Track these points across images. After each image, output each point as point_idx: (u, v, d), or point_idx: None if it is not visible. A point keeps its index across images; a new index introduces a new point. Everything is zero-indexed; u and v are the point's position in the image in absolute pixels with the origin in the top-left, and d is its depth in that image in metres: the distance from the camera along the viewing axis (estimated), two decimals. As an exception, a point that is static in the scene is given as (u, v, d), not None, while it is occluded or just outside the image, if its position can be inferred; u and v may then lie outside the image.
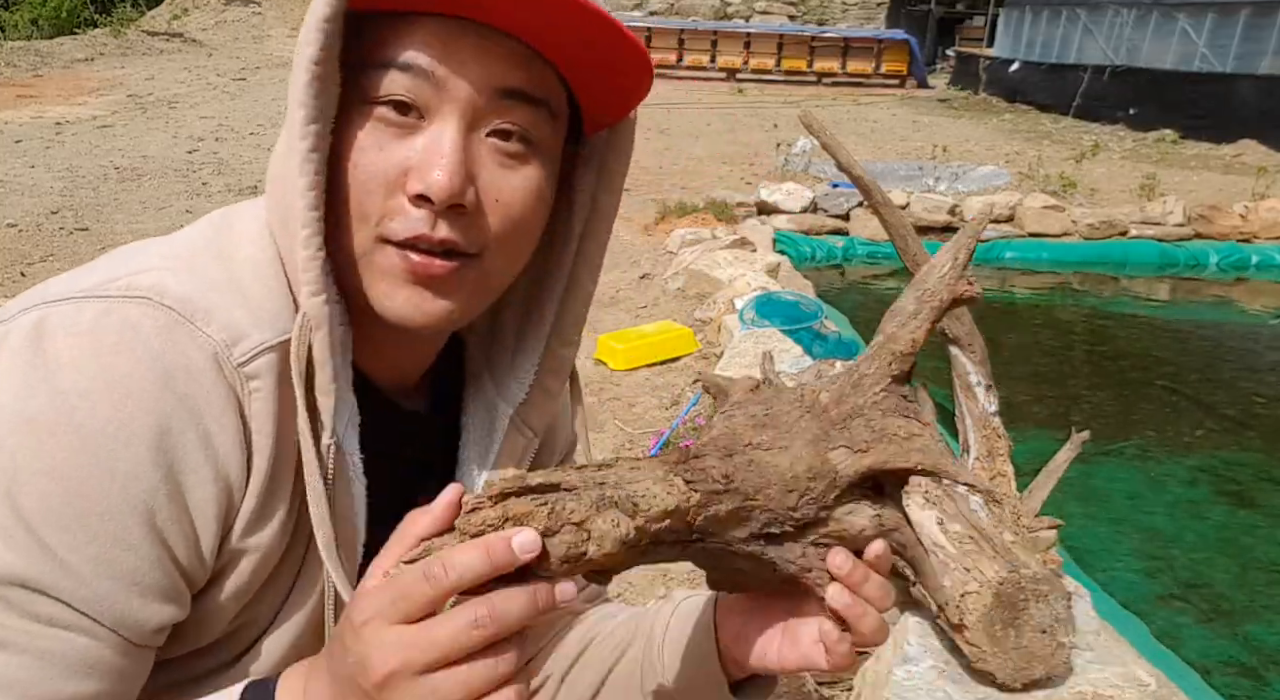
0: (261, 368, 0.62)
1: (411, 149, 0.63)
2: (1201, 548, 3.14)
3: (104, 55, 13.55)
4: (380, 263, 0.64)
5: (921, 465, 0.64)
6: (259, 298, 0.64)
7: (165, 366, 0.59)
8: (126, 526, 0.57)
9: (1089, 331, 5.66)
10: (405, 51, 0.62)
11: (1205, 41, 11.27)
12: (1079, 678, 1.67)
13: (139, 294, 0.61)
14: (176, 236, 0.69)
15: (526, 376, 0.79)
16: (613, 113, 0.72)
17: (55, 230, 5.17)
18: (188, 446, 0.59)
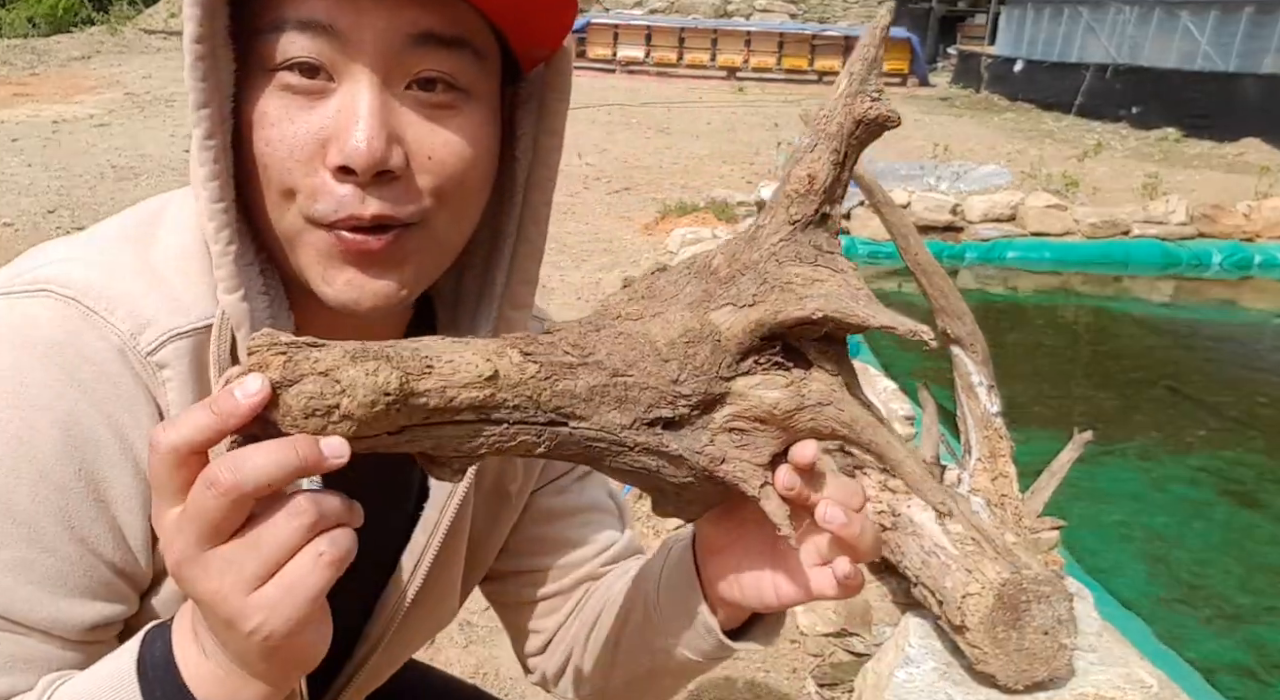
0: (170, 356, 0.58)
1: (324, 115, 0.57)
2: (1204, 548, 3.13)
3: (101, 53, 13.54)
4: (312, 244, 0.59)
5: (822, 311, 0.53)
6: (176, 285, 0.60)
7: (65, 358, 0.56)
8: (40, 528, 0.55)
9: (1091, 331, 5.64)
10: (300, 7, 0.56)
11: (1208, 40, 11.25)
12: (1081, 679, 1.65)
13: (39, 287, 0.58)
14: (101, 224, 0.66)
15: None
16: (544, 43, 0.65)
17: (52, 229, 5.16)
18: (99, 439, 0.56)
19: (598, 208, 6.64)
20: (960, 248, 6.48)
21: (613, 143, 9.23)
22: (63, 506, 0.56)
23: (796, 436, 0.57)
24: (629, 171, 7.92)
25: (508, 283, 0.71)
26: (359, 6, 0.56)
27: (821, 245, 0.57)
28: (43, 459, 0.55)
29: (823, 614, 2.12)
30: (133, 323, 0.58)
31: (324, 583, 0.46)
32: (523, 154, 0.69)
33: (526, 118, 0.68)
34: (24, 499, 0.54)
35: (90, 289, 0.58)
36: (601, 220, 6.29)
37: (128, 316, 0.58)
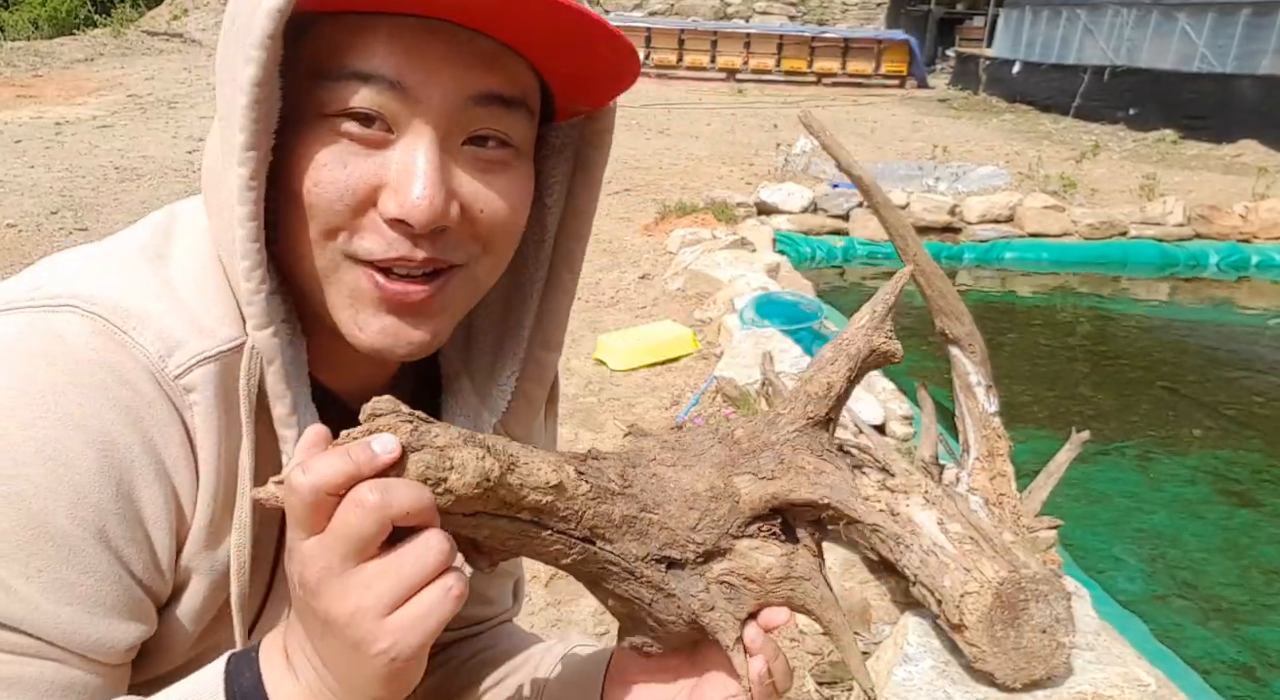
0: (198, 380, 0.58)
1: (381, 165, 0.57)
2: (1201, 547, 3.14)
3: (104, 55, 13.54)
4: (348, 283, 0.59)
5: (828, 499, 0.62)
6: (196, 306, 0.59)
7: (99, 376, 0.55)
8: (80, 549, 0.54)
9: (1089, 332, 5.66)
10: (366, 59, 0.55)
11: (1205, 41, 11.27)
12: (1079, 678, 1.67)
13: (63, 302, 0.57)
14: (110, 240, 0.65)
15: (508, 383, 0.74)
16: (595, 104, 0.67)
17: (55, 230, 5.17)
18: (134, 457, 0.56)
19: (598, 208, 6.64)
20: (958, 248, 6.50)
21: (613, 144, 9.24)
22: (100, 526, 0.55)
23: (771, 602, 0.63)
24: (629, 172, 7.93)
25: (538, 325, 0.73)
26: (429, 65, 0.56)
27: (826, 443, 0.65)
28: (80, 479, 0.54)
29: (822, 613, 2.13)
30: (161, 344, 0.57)
31: (450, 614, 0.49)
32: (554, 202, 0.70)
33: (560, 166, 0.70)
34: (62, 519, 0.54)
35: (117, 307, 0.57)
36: (601, 221, 6.30)
37: (156, 338, 0.57)
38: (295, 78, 0.56)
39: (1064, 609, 1.63)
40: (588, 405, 3.43)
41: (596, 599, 0.62)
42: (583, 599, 2.35)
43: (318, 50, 0.56)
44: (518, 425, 0.75)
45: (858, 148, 9.06)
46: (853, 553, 2.10)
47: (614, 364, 3.74)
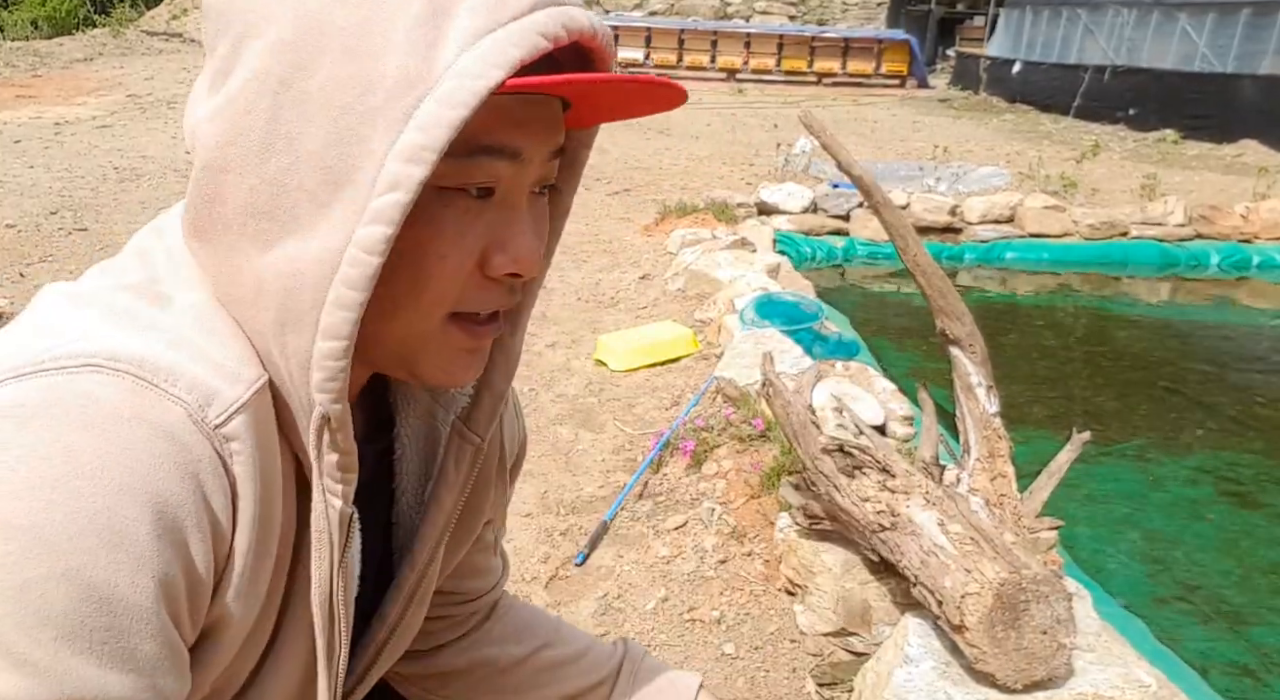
0: (238, 428, 0.57)
1: (490, 225, 0.60)
2: (1203, 548, 3.14)
3: (103, 55, 13.55)
4: (446, 341, 0.63)
5: None
6: (214, 350, 0.58)
7: (143, 435, 0.53)
8: (143, 616, 0.53)
9: (1090, 332, 5.65)
10: (493, 136, 0.57)
11: (1206, 41, 11.26)
12: (1080, 679, 1.66)
13: (85, 361, 0.54)
14: (99, 288, 0.62)
15: None
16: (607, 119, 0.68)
17: (54, 230, 5.17)
18: (188, 514, 0.54)
19: (598, 208, 6.65)
20: (959, 249, 6.49)
21: (613, 143, 9.24)
22: (161, 591, 0.53)
23: None
24: (629, 172, 7.93)
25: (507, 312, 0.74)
26: (532, 133, 0.59)
27: None
28: (139, 547, 0.52)
29: (822, 613, 2.13)
30: (198, 395, 0.56)
31: None
32: None
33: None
34: (125, 590, 0.52)
35: (144, 361, 0.55)
36: (601, 221, 6.30)
37: (190, 388, 0.55)
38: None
39: (1065, 610, 1.63)
40: (588, 405, 3.42)
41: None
42: (582, 600, 2.35)
43: None
44: (484, 418, 0.74)
45: (858, 148, 9.05)
46: (853, 553, 2.10)
47: (614, 364, 3.74)
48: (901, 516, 1.83)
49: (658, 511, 2.69)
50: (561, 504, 2.77)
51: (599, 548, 2.55)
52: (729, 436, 2.86)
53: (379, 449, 0.75)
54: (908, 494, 1.87)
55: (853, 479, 1.96)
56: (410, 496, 0.77)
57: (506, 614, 1.00)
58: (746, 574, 2.37)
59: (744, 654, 2.15)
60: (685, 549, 2.49)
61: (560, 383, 3.63)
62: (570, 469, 2.98)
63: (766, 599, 2.29)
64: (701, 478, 2.76)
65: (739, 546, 2.45)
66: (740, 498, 2.60)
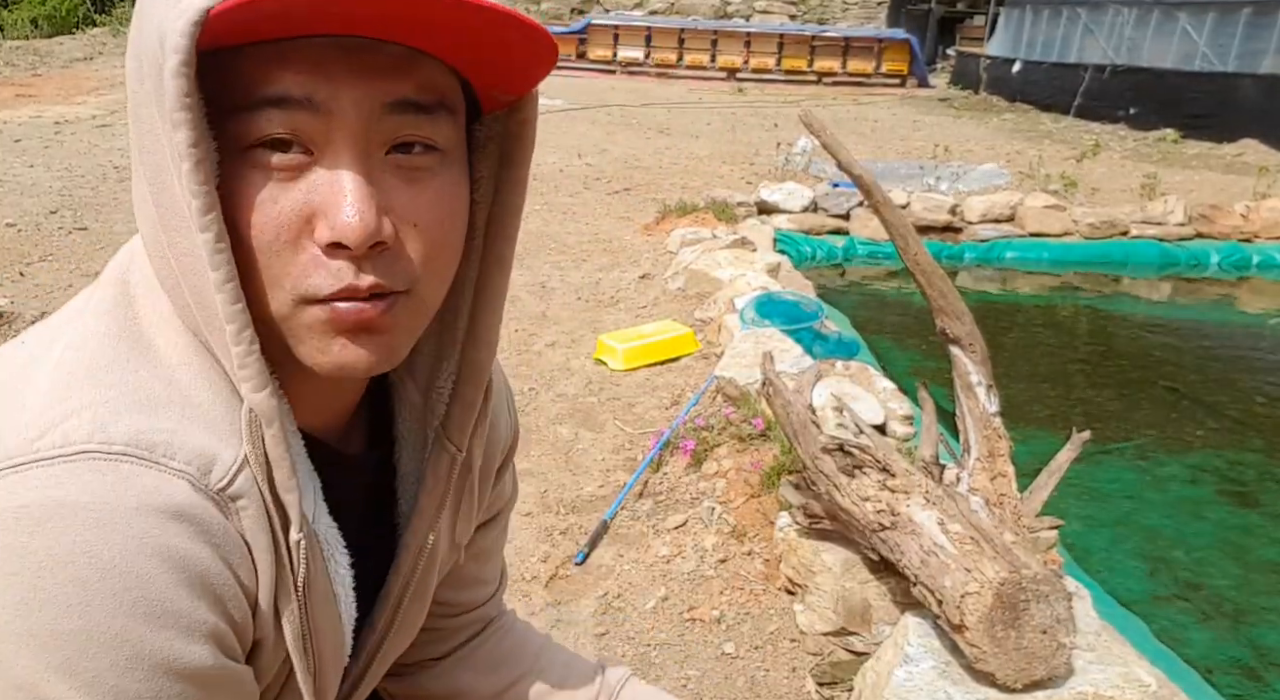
0: (243, 486, 0.57)
1: (309, 190, 0.55)
2: (1203, 547, 3.14)
3: (103, 54, 13.54)
4: (305, 322, 0.57)
5: None
6: (204, 400, 0.58)
7: (153, 521, 0.53)
8: (209, 672, 0.55)
9: (1090, 331, 5.65)
10: (274, 84, 0.53)
11: (1206, 41, 11.26)
12: (1080, 678, 1.66)
13: (79, 449, 0.53)
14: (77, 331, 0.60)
15: (446, 386, 0.73)
16: (516, 91, 0.64)
17: (54, 230, 5.17)
18: (213, 573, 0.55)
19: (598, 208, 6.64)
20: (959, 248, 6.49)
21: (613, 143, 9.24)
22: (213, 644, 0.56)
23: None
24: (629, 172, 7.92)
25: (471, 325, 0.71)
26: (336, 79, 0.54)
27: None
28: (184, 615, 0.54)
29: (822, 613, 2.13)
30: (199, 462, 0.55)
31: None
32: (482, 198, 0.68)
33: (485, 160, 0.67)
34: (187, 656, 0.54)
35: (138, 438, 0.54)
36: (601, 220, 6.30)
37: (191, 458, 0.55)
38: (212, 118, 0.54)
39: (1065, 609, 1.63)
40: (588, 405, 3.42)
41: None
42: (582, 599, 2.35)
43: (227, 84, 0.54)
44: (456, 429, 0.73)
45: (858, 147, 9.05)
46: (853, 553, 2.10)
47: (614, 364, 3.74)
48: (901, 516, 1.83)
49: (658, 511, 2.69)
50: (561, 503, 2.77)
51: (599, 547, 2.55)
52: (729, 436, 2.86)
53: (380, 456, 0.75)
54: (908, 493, 1.87)
55: (853, 478, 1.96)
56: (408, 501, 0.76)
57: (494, 637, 0.98)
58: (746, 573, 2.36)
59: (744, 653, 2.15)
60: (685, 548, 2.49)
61: (560, 382, 3.63)
62: (570, 468, 2.98)
63: (766, 598, 2.29)
64: (701, 477, 2.76)
65: (739, 546, 2.45)
66: (740, 497, 2.60)
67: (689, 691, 2.05)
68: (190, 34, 0.49)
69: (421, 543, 0.76)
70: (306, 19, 0.51)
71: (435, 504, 0.75)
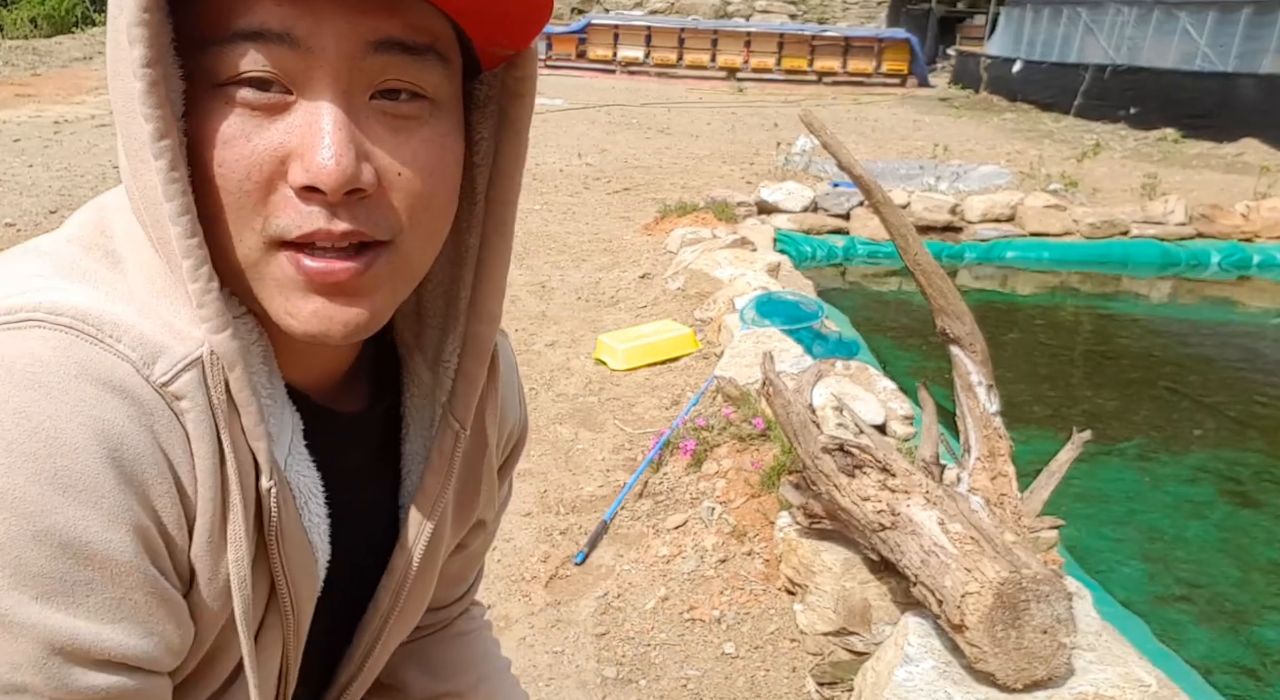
0: (186, 386, 0.54)
1: (285, 130, 0.52)
2: (1203, 548, 3.14)
3: (102, 54, 13.52)
4: (274, 274, 0.55)
5: None
6: (163, 308, 0.55)
7: (91, 392, 0.51)
8: (123, 568, 0.52)
9: (1090, 331, 5.65)
10: (251, 16, 0.50)
11: (1207, 40, 11.26)
12: (1080, 678, 1.66)
13: (27, 316, 0.52)
14: (44, 241, 0.59)
15: (452, 360, 0.70)
16: (513, 45, 0.61)
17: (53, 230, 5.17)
18: (149, 466, 0.53)
19: (598, 208, 6.64)
20: (959, 248, 6.49)
21: (613, 143, 9.24)
22: (136, 542, 0.53)
23: None
24: (629, 171, 7.92)
25: (473, 297, 0.68)
26: (316, 12, 0.51)
27: None
28: (107, 501, 0.51)
29: (822, 613, 2.13)
30: (143, 351, 0.53)
31: None
32: (482, 160, 0.65)
33: (485, 120, 0.65)
34: (99, 545, 0.51)
35: (87, 314, 0.52)
36: (601, 220, 6.30)
37: (136, 344, 0.53)
38: (184, 48, 0.52)
39: (1065, 609, 1.63)
40: (588, 405, 3.42)
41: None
42: (582, 599, 2.35)
43: (202, 15, 0.51)
44: (460, 404, 0.71)
45: (858, 147, 9.05)
46: (853, 552, 2.10)
47: (614, 364, 3.74)
48: (902, 516, 1.83)
49: (658, 511, 2.69)
50: (561, 503, 2.77)
51: (599, 547, 2.55)
52: (729, 436, 2.86)
53: (383, 418, 0.73)
54: (908, 493, 1.87)
55: (853, 478, 1.96)
56: (415, 478, 0.74)
57: (446, 641, 0.95)
58: (746, 573, 2.36)
59: (744, 653, 2.14)
60: (685, 548, 2.48)
61: (560, 382, 3.63)
62: (570, 468, 2.98)
63: (766, 598, 2.29)
64: (701, 477, 2.76)
65: (739, 546, 2.45)
66: (740, 497, 2.60)
67: (689, 691, 2.05)
68: None
69: (424, 521, 0.74)
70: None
71: (440, 483, 0.73)
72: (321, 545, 0.65)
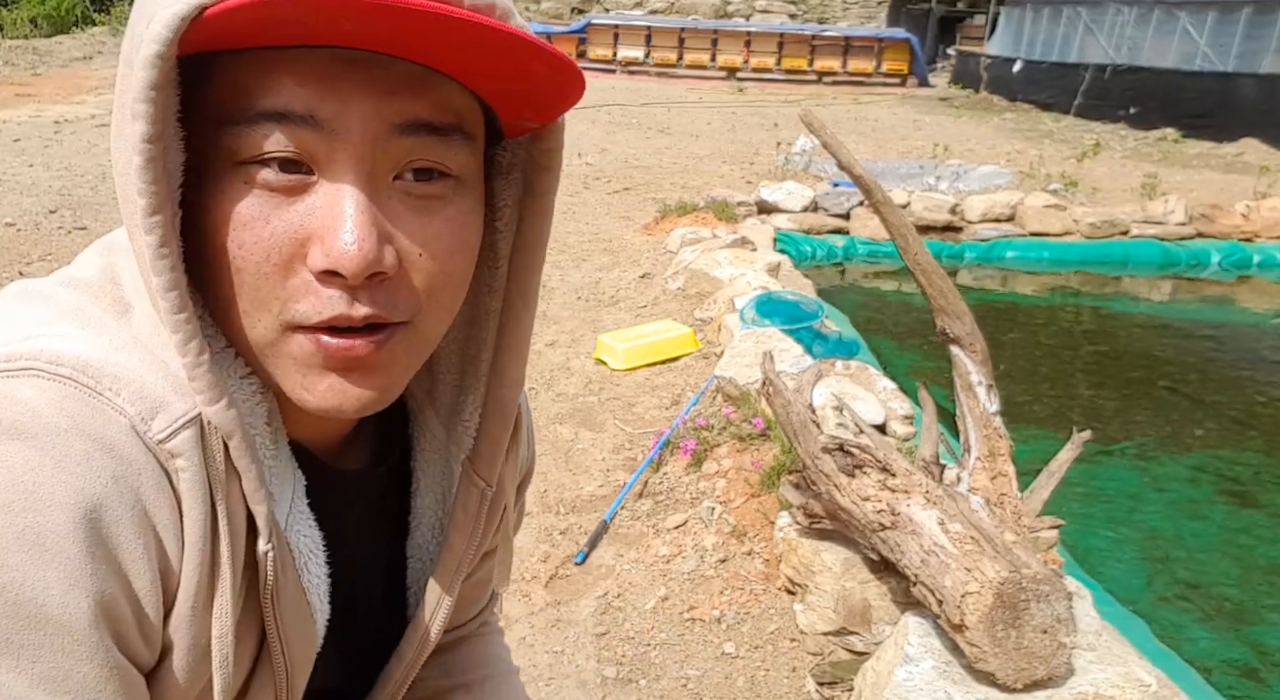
0: (184, 445, 0.52)
1: (306, 213, 0.51)
2: (1203, 547, 3.14)
3: (102, 53, 13.54)
4: (292, 352, 0.54)
5: None
6: (169, 361, 0.54)
7: (79, 448, 0.49)
8: (77, 635, 0.49)
9: (1090, 331, 5.65)
10: (275, 96, 0.50)
11: (1207, 40, 11.26)
12: (1080, 678, 1.66)
13: (22, 365, 0.50)
14: (53, 284, 0.58)
15: (472, 420, 0.69)
16: (540, 120, 0.60)
17: (54, 229, 5.17)
18: (125, 530, 0.51)
19: (598, 207, 6.65)
20: (959, 247, 6.49)
21: (613, 143, 9.24)
22: (96, 610, 0.50)
23: None
24: (629, 171, 7.92)
25: (495, 361, 0.67)
26: (342, 95, 0.50)
27: None
28: (70, 563, 0.49)
29: (822, 613, 2.13)
30: (142, 406, 0.52)
31: None
32: (505, 226, 0.64)
33: (508, 188, 0.64)
34: (55, 609, 0.49)
35: (87, 365, 0.51)
36: (601, 220, 6.30)
37: (135, 398, 0.52)
38: (202, 124, 0.51)
39: (1065, 609, 1.63)
40: (588, 405, 3.43)
41: None
42: (583, 598, 2.35)
43: (222, 93, 0.51)
44: (485, 465, 0.70)
45: (858, 146, 9.06)
46: (853, 552, 2.10)
47: (614, 363, 3.74)
48: (902, 515, 1.83)
49: (658, 510, 2.69)
50: (561, 503, 2.77)
51: (599, 546, 2.55)
52: (729, 435, 2.86)
53: (387, 476, 0.72)
54: (908, 493, 1.87)
55: (853, 478, 1.96)
56: (426, 531, 0.74)
57: (466, 641, 0.94)
58: (746, 573, 2.36)
59: (744, 653, 2.15)
60: (685, 548, 2.49)
61: (560, 382, 3.63)
62: (570, 468, 2.98)
63: (766, 598, 2.29)
64: (701, 477, 2.76)
65: (739, 545, 2.45)
66: (740, 497, 2.60)
67: (689, 691, 2.05)
68: (174, 27, 0.46)
69: (452, 578, 0.73)
70: (314, 29, 0.47)
71: (465, 539, 0.72)
72: (320, 605, 0.64)
